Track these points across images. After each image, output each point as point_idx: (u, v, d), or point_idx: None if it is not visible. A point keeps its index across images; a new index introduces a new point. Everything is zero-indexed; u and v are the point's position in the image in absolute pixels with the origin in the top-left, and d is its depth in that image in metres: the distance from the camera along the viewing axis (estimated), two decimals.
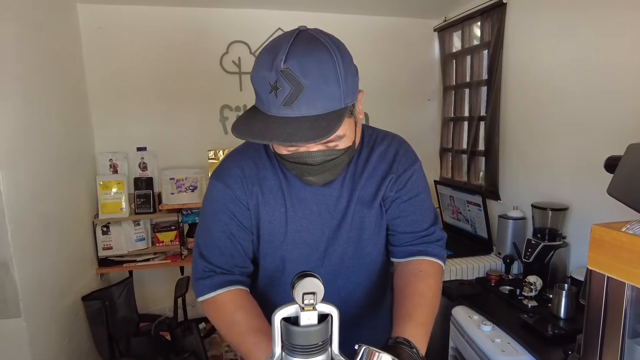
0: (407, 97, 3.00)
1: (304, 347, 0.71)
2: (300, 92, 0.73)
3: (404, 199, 0.98)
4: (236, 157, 0.98)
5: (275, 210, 0.95)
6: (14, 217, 1.66)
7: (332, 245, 0.97)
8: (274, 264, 0.98)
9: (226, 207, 0.94)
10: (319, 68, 0.74)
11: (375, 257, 1.02)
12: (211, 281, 0.92)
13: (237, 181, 0.94)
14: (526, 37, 2.14)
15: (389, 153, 0.99)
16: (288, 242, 0.96)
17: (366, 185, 0.97)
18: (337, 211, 0.96)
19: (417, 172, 1.00)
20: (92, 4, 2.49)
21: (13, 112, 1.71)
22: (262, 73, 0.76)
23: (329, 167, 0.85)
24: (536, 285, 1.74)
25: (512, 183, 2.32)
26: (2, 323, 1.65)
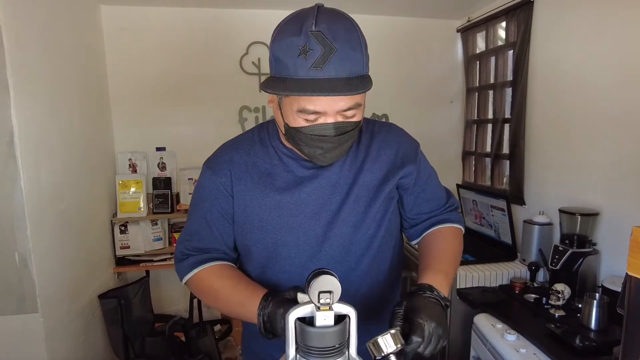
0: (429, 98, 2.94)
1: (319, 350, 0.66)
2: (330, 54, 0.76)
3: (423, 180, 1.03)
4: (227, 146, 1.00)
5: (266, 195, 0.94)
6: (34, 213, 1.67)
7: (331, 229, 0.95)
8: (267, 250, 0.96)
9: (210, 194, 0.96)
10: (346, 34, 0.78)
11: (382, 243, 1.00)
12: (187, 262, 0.95)
13: (223, 168, 0.95)
14: (554, 36, 2.07)
15: (392, 140, 1.01)
16: (282, 226, 0.94)
17: (372, 170, 0.97)
18: (336, 195, 0.95)
19: (422, 154, 1.05)
20: (115, 6, 2.53)
21: (36, 111, 1.73)
22: (289, 39, 0.77)
23: (342, 141, 0.86)
24: (564, 294, 1.66)
25: (537, 187, 2.23)
26: (19, 318, 1.65)
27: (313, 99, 0.80)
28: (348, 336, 0.69)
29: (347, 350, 0.70)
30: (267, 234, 0.95)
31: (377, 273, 1.01)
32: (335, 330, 0.66)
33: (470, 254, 2.18)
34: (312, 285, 0.66)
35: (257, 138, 0.99)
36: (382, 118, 2.88)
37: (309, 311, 0.68)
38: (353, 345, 0.70)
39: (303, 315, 0.68)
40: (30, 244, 1.64)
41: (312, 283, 0.66)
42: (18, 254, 1.63)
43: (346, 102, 0.82)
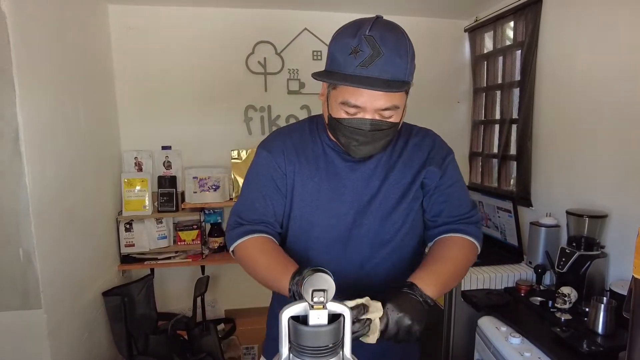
0: (436, 99, 2.91)
1: (313, 349, 0.65)
2: (377, 57, 0.86)
3: (446, 185, 1.06)
4: (281, 132, 1.12)
5: (309, 178, 1.05)
6: (39, 210, 1.68)
7: (360, 218, 1.04)
8: (302, 227, 1.06)
9: (267, 171, 1.06)
10: (396, 42, 0.89)
11: (403, 239, 1.07)
12: (237, 231, 1.03)
13: (278, 150, 1.06)
14: (562, 35, 2.04)
15: (426, 144, 1.08)
16: (319, 208, 1.05)
17: (403, 171, 1.05)
18: (369, 188, 1.04)
19: (454, 162, 1.10)
20: (122, 5, 2.54)
21: (42, 108, 1.75)
22: (345, 40, 0.89)
23: (376, 137, 0.94)
24: (571, 297, 1.63)
25: (544, 189, 2.20)
26: (23, 314, 1.66)
27: (355, 94, 0.89)
28: (342, 336, 0.68)
29: (342, 350, 0.68)
30: (304, 212, 1.05)
31: (393, 267, 1.07)
32: (329, 330, 0.65)
33: None
34: (306, 283, 0.65)
35: (307, 128, 1.10)
36: None
37: (302, 310, 0.67)
38: (347, 345, 0.69)
39: (297, 314, 0.67)
40: (35, 240, 1.65)
41: (306, 281, 0.65)
42: (22, 250, 1.64)
43: (384, 102, 0.90)
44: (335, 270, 0.99)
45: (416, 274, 0.93)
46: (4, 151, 1.57)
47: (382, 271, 1.07)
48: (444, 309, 1.99)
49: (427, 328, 0.89)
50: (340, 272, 1.00)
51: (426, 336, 0.87)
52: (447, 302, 1.98)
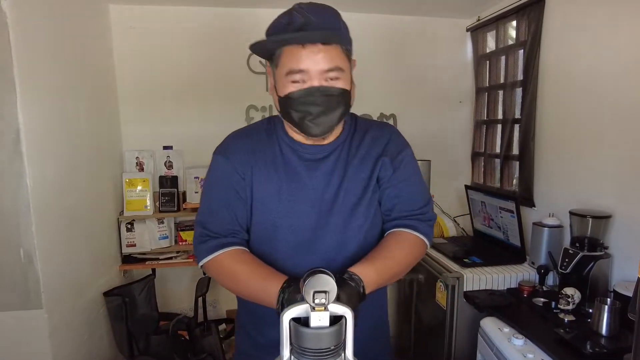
0: (438, 99, 2.90)
1: (314, 351, 0.65)
2: (309, 22, 0.90)
3: (399, 179, 1.06)
4: (235, 135, 1.09)
5: (268, 180, 1.03)
6: (40, 210, 1.68)
7: (324, 217, 1.03)
8: (266, 231, 1.04)
9: (225, 177, 1.03)
10: (325, 12, 0.94)
11: (367, 234, 1.06)
12: (207, 245, 1.00)
13: (234, 154, 1.04)
14: (565, 35, 2.02)
15: (383, 137, 1.08)
16: (280, 210, 1.02)
17: (360, 165, 1.05)
18: (330, 186, 1.03)
19: (410, 156, 1.10)
20: (123, 5, 2.54)
21: (43, 109, 1.74)
22: (278, 21, 0.94)
23: (329, 106, 0.94)
24: (574, 298, 1.61)
25: (547, 189, 2.18)
26: (24, 314, 1.66)
27: (295, 59, 0.91)
28: (344, 338, 0.67)
29: (343, 352, 0.68)
30: (267, 216, 1.03)
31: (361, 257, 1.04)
32: (330, 332, 0.64)
33: (477, 256, 2.15)
34: (307, 284, 0.64)
35: (263, 128, 1.09)
36: (389, 118, 2.85)
37: (303, 311, 0.66)
38: (349, 347, 0.68)
39: (298, 316, 0.67)
40: (35, 240, 1.65)
41: (307, 282, 0.64)
42: (23, 250, 1.64)
43: (326, 63, 0.91)
44: (301, 272, 1.00)
45: (362, 268, 0.90)
46: (4, 151, 1.57)
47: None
48: (446, 309, 1.98)
49: (429, 329, 0.89)
50: None
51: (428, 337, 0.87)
52: (449, 302, 1.97)
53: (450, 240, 2.49)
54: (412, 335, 2.49)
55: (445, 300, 1.98)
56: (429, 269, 2.18)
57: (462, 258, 2.10)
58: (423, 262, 2.29)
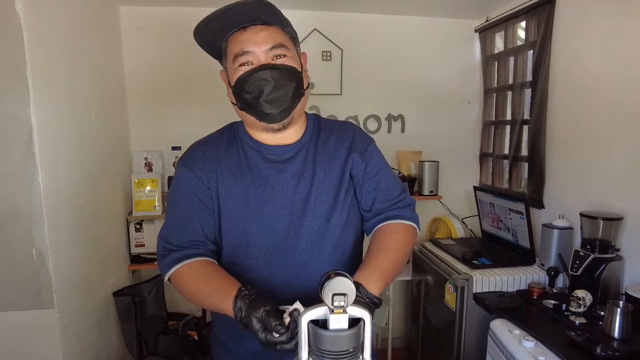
0: (446, 99, 2.89)
1: (333, 353, 0.65)
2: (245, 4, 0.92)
3: (374, 171, 1.08)
4: (198, 144, 1.08)
5: (234, 186, 1.01)
6: (51, 210, 1.69)
7: (297, 219, 1.01)
8: (236, 238, 1.01)
9: (188, 187, 1.02)
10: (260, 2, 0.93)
11: (343, 234, 1.05)
12: (169, 258, 0.98)
13: (198, 163, 1.02)
14: (576, 35, 2.01)
15: (347, 135, 1.10)
16: (250, 215, 1.00)
17: (330, 164, 1.05)
18: (300, 187, 1.02)
19: (377, 149, 1.13)
20: (133, 6, 2.55)
21: (54, 109, 1.75)
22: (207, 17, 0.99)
23: (279, 81, 0.94)
24: (585, 301, 1.61)
25: (557, 190, 2.17)
26: (35, 313, 1.67)
27: (239, 42, 0.95)
28: (362, 340, 0.68)
29: (362, 354, 0.68)
30: (237, 222, 1.01)
31: (339, 263, 1.05)
32: (349, 334, 0.65)
33: (486, 257, 2.14)
34: (326, 287, 0.65)
35: (225, 135, 1.08)
36: (397, 119, 2.85)
37: (322, 314, 0.66)
38: (367, 350, 0.68)
39: (316, 318, 0.67)
40: (48, 240, 1.66)
41: (326, 285, 0.65)
42: (35, 250, 1.65)
43: (270, 41, 0.95)
44: (277, 276, 1.01)
45: (360, 273, 0.92)
46: (18, 152, 1.58)
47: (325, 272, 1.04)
48: (455, 311, 1.98)
49: (437, 330, 0.89)
50: (283, 277, 1.02)
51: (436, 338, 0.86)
52: (458, 304, 1.97)
53: (459, 242, 2.49)
54: (420, 336, 2.49)
55: (454, 301, 1.98)
56: (438, 270, 2.18)
57: (471, 259, 2.10)
58: (432, 264, 2.29)
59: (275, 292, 1.00)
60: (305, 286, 0.99)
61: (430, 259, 2.34)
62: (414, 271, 2.57)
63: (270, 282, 1.01)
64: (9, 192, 1.60)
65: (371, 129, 2.82)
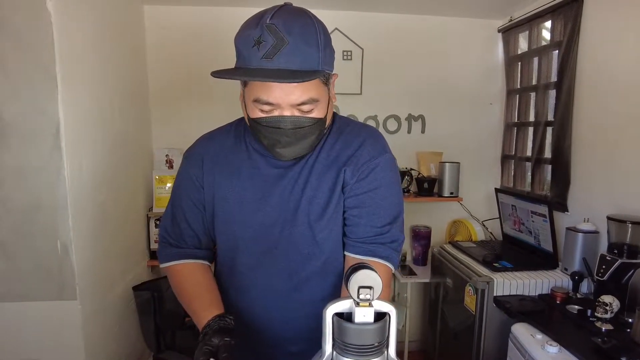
0: (468, 100, 2.86)
1: (358, 347, 0.64)
2: (282, 46, 0.79)
3: (363, 189, 0.95)
4: (204, 138, 1.06)
5: (231, 189, 0.98)
6: (76, 204, 1.72)
7: (287, 228, 0.96)
8: (228, 242, 1.01)
9: (184, 184, 1.02)
10: (301, 29, 0.81)
11: (335, 245, 1.00)
12: (168, 252, 1.02)
13: (197, 160, 1.01)
14: (605, 34, 1.96)
15: (355, 142, 0.98)
16: (242, 222, 0.98)
17: (325, 172, 0.96)
18: (293, 193, 0.96)
19: (382, 165, 0.97)
20: (157, 5, 2.59)
21: (80, 105, 1.79)
22: (247, 31, 0.82)
23: (300, 136, 0.87)
24: (612, 307, 1.56)
25: (582, 194, 2.12)
26: (59, 304, 1.70)
27: (265, 89, 0.83)
28: (387, 335, 0.67)
29: (386, 350, 0.67)
30: (229, 226, 0.99)
31: (329, 273, 1.00)
32: (375, 328, 0.63)
33: (507, 260, 2.10)
34: (352, 279, 0.64)
35: (232, 132, 1.04)
36: (418, 119, 2.82)
37: (347, 307, 0.66)
38: (392, 345, 0.67)
39: (341, 311, 0.66)
40: (71, 233, 1.69)
41: (352, 277, 0.64)
42: (60, 242, 1.68)
43: (299, 95, 0.83)
44: (264, 284, 1.00)
45: None
46: (45, 145, 1.62)
47: (313, 283, 1.00)
48: (475, 314, 1.95)
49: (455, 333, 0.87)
50: (269, 286, 1.00)
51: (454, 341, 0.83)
52: (478, 307, 1.93)
53: (479, 244, 2.45)
54: (437, 339, 2.45)
55: (474, 304, 1.95)
56: (458, 273, 2.15)
57: (491, 262, 2.06)
58: (451, 266, 2.26)
59: (261, 299, 1.01)
60: (292, 296, 0.99)
61: (449, 261, 2.30)
62: (433, 273, 2.53)
63: (258, 288, 1.01)
64: (35, 185, 1.63)
65: (391, 129, 2.80)
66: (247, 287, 1.01)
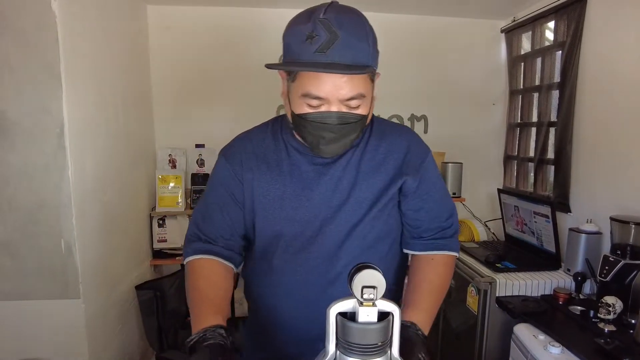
0: (471, 100, 2.86)
1: (361, 347, 0.64)
2: (335, 40, 0.80)
3: (423, 190, 1.00)
4: (242, 136, 1.06)
5: (271, 185, 0.98)
6: (79, 203, 1.73)
7: (328, 224, 0.97)
8: (267, 237, 1.00)
9: (223, 180, 1.01)
10: (353, 25, 0.82)
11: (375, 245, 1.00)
12: (194, 246, 1.00)
13: (236, 156, 1.01)
14: (608, 35, 1.96)
15: (401, 145, 1.00)
16: (283, 218, 0.98)
17: (376, 175, 0.98)
18: (337, 193, 0.97)
19: (431, 163, 1.03)
20: (160, 5, 2.60)
21: (84, 105, 1.80)
22: (299, 27, 0.83)
23: (345, 132, 0.88)
24: (615, 308, 1.55)
25: (585, 194, 2.12)
26: (62, 303, 1.71)
27: (316, 83, 0.83)
28: (391, 335, 0.67)
29: (390, 350, 0.67)
30: (269, 223, 0.99)
31: None
32: (378, 327, 0.64)
33: (510, 261, 2.10)
34: (356, 279, 0.64)
35: (269, 130, 1.04)
36: (420, 119, 2.82)
37: (350, 306, 0.66)
38: (395, 345, 0.67)
39: (344, 310, 0.66)
40: (75, 232, 1.70)
41: (355, 277, 0.64)
42: (64, 241, 1.69)
43: (349, 90, 0.84)
44: (301, 279, 1.00)
45: (412, 315, 0.90)
46: (49, 145, 1.63)
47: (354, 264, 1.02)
48: (477, 314, 1.94)
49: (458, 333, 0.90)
50: (305, 280, 1.00)
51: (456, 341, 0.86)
52: (480, 307, 1.93)
53: (481, 245, 2.44)
54: (439, 339, 2.45)
55: (476, 305, 1.95)
56: (460, 273, 2.14)
57: (494, 263, 2.06)
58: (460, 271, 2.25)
59: (297, 293, 1.00)
60: (327, 291, 0.98)
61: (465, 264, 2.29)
62: None
63: (294, 283, 1.00)
64: (40, 184, 1.65)
65: None
66: (284, 281, 1.00)
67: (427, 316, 0.93)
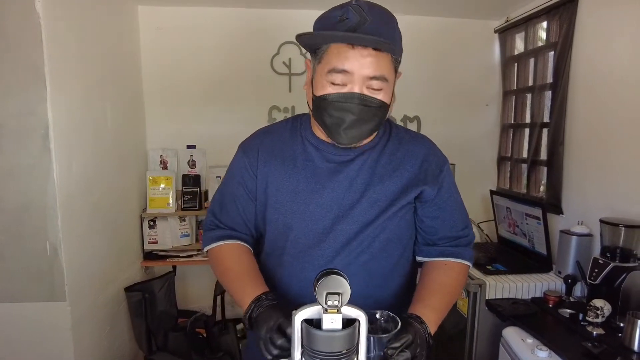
0: (464, 101, 2.84)
1: (326, 354, 0.63)
2: (364, 23, 0.84)
3: (442, 198, 1.01)
4: (261, 131, 1.09)
5: (285, 180, 1.00)
6: (65, 204, 1.72)
7: (339, 222, 0.97)
8: (278, 230, 1.02)
9: (239, 172, 1.04)
10: (383, 13, 0.89)
11: (385, 247, 1.01)
12: (214, 233, 1.04)
13: (253, 150, 1.03)
14: (599, 36, 1.95)
15: (419, 152, 1.02)
16: (294, 211, 0.99)
17: (393, 177, 0.99)
18: (351, 192, 0.98)
19: (449, 172, 1.04)
20: (151, 6, 2.59)
21: (71, 106, 1.78)
22: (330, 13, 0.88)
23: (365, 116, 0.89)
24: (604, 311, 1.54)
25: (576, 196, 2.10)
26: (48, 305, 1.70)
27: (343, 57, 0.85)
28: (357, 342, 0.65)
29: (356, 356, 0.66)
30: (280, 215, 1.01)
31: (374, 275, 1.01)
32: (343, 335, 0.62)
33: (501, 263, 2.08)
34: (320, 285, 0.63)
35: (289, 126, 1.06)
36: (413, 120, 2.81)
37: (316, 313, 0.65)
38: (362, 352, 0.66)
39: (310, 317, 0.65)
40: (61, 233, 1.69)
41: (320, 283, 0.63)
42: (49, 243, 1.68)
43: (373, 69, 0.86)
44: (309, 275, 0.96)
45: (418, 309, 0.91)
46: (34, 147, 1.62)
47: (357, 280, 0.98)
48: (467, 317, 1.93)
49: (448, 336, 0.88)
50: (312, 278, 0.98)
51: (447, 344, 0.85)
52: (470, 310, 1.92)
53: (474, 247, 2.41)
54: None
55: (466, 307, 1.93)
56: None
57: (485, 265, 2.05)
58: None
59: (306, 289, 0.97)
60: None
61: None
62: None
63: (301, 279, 1.00)
64: (25, 185, 1.63)
65: None
66: (293, 276, 1.01)
67: (434, 314, 0.91)
